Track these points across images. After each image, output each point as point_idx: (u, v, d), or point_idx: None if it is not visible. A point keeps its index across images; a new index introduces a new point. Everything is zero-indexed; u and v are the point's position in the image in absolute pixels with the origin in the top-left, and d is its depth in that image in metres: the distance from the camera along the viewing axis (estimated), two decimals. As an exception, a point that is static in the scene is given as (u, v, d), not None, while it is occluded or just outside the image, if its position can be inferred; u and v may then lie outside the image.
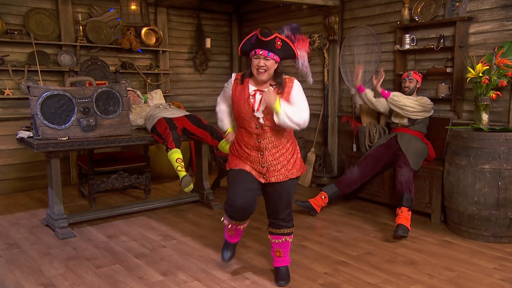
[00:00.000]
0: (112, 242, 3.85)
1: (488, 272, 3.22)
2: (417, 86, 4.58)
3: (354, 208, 4.79)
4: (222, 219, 3.15)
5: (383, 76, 4.64)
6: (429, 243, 3.80)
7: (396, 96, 4.46)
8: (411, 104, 4.41)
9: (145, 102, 5.22)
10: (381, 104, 4.70)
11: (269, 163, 2.92)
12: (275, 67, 2.87)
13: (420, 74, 4.62)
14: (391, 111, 4.68)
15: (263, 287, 3.01)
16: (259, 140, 2.91)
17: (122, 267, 3.33)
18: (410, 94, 4.56)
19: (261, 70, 2.82)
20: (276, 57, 2.82)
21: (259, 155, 2.92)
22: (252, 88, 2.90)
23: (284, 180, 2.94)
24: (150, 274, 3.20)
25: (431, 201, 4.32)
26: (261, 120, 2.86)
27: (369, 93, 4.77)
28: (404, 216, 3.96)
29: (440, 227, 4.20)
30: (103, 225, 4.28)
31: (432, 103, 4.49)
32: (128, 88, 5.02)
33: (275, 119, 2.78)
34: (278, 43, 2.79)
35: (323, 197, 4.54)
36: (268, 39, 2.76)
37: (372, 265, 3.35)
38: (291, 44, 2.85)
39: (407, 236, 3.85)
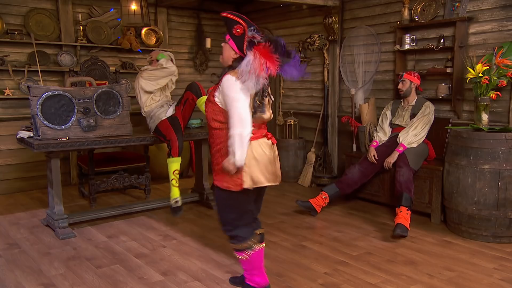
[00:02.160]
0: (112, 242, 3.85)
1: (488, 272, 3.22)
2: (412, 87, 4.47)
3: (354, 208, 4.79)
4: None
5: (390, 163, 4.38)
6: (429, 243, 3.80)
7: (411, 141, 4.31)
8: (421, 128, 4.33)
9: (162, 58, 4.71)
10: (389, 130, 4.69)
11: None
12: (234, 56, 2.63)
13: (415, 74, 4.51)
14: (393, 113, 4.68)
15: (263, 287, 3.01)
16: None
17: (122, 267, 3.33)
18: (405, 96, 4.49)
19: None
20: (232, 43, 2.62)
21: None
22: None
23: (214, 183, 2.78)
24: (150, 274, 3.20)
25: (431, 201, 4.32)
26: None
27: (382, 140, 4.66)
28: (403, 215, 3.96)
29: (440, 227, 4.20)
30: (103, 225, 4.28)
31: (433, 106, 4.46)
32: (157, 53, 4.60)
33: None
34: (238, 30, 2.58)
35: (324, 197, 4.53)
36: (223, 14, 2.64)
37: (372, 265, 3.35)
38: (246, 37, 2.58)
39: (406, 235, 3.86)
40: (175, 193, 4.12)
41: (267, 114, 2.74)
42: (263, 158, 2.67)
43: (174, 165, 4.15)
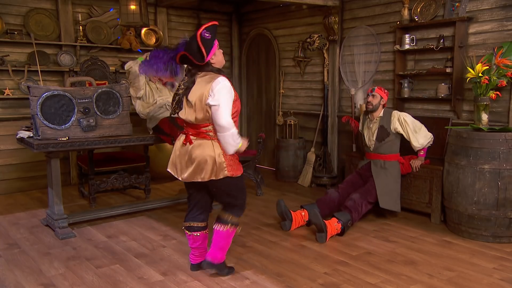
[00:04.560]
0: (112, 242, 3.85)
1: (487, 272, 3.22)
2: (382, 103, 4.36)
3: (354, 208, 4.79)
4: (238, 230, 3.15)
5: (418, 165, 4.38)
6: (429, 243, 3.80)
7: (424, 142, 4.29)
8: (418, 131, 4.27)
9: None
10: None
11: None
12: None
13: (385, 91, 4.42)
14: (362, 125, 4.59)
15: (263, 287, 3.01)
16: None
17: (122, 267, 3.33)
18: (373, 111, 4.37)
19: None
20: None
21: None
22: None
23: None
24: (150, 274, 3.20)
25: (431, 201, 4.33)
26: None
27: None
28: (332, 225, 3.89)
29: (440, 227, 4.20)
30: (103, 225, 4.28)
31: (402, 113, 4.36)
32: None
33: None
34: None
35: (302, 213, 4.21)
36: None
37: (372, 265, 3.35)
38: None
39: (324, 242, 3.81)
40: None
41: (181, 115, 3.02)
42: (173, 151, 3.12)
43: None
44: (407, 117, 4.31)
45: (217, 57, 3.02)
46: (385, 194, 4.27)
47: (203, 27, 2.96)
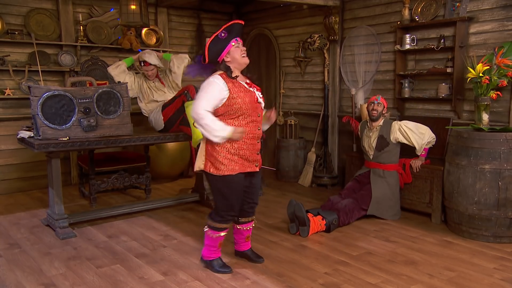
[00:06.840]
0: (112, 242, 3.85)
1: (488, 272, 3.22)
2: (383, 112, 4.44)
3: (355, 208, 4.79)
4: (214, 235, 3.16)
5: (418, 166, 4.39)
6: (429, 243, 3.80)
7: (424, 142, 4.29)
8: (419, 132, 4.29)
9: (168, 59, 4.86)
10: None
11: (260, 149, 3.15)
12: None
13: (386, 101, 4.51)
14: (360, 135, 4.65)
15: (263, 287, 3.01)
16: (259, 127, 3.07)
17: (123, 267, 3.33)
18: (376, 119, 4.43)
19: (245, 54, 3.05)
20: None
21: (257, 143, 3.08)
22: (242, 81, 3.08)
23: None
24: (151, 274, 3.21)
25: (432, 201, 4.33)
26: (263, 106, 3.11)
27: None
28: (316, 222, 3.94)
29: (440, 227, 4.20)
30: (103, 225, 4.29)
31: (401, 121, 4.43)
32: (146, 57, 4.62)
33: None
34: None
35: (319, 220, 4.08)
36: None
37: (372, 265, 3.35)
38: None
39: (305, 237, 3.90)
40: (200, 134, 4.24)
41: None
42: None
43: None
44: (408, 123, 4.34)
45: (232, 55, 3.01)
46: (377, 203, 4.33)
47: (224, 26, 3.00)
